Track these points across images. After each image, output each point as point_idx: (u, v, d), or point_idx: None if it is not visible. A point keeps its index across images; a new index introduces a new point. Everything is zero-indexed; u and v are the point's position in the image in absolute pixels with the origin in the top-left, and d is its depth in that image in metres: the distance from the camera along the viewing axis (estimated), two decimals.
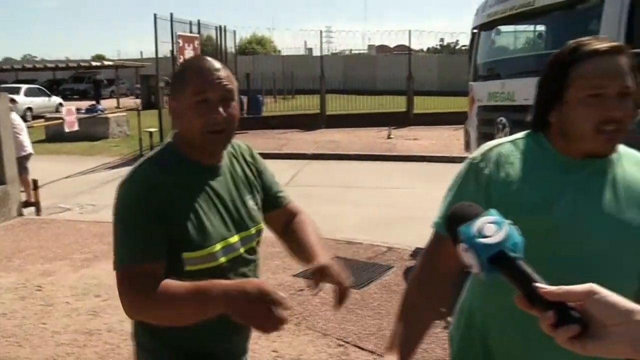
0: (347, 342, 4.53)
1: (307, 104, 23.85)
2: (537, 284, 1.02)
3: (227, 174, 1.97)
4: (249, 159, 2.09)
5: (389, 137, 19.06)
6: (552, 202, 1.58)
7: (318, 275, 1.84)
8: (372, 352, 4.37)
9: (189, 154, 1.88)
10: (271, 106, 26.26)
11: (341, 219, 8.62)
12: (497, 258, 1.09)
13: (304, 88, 24.30)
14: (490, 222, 1.12)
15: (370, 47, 54.93)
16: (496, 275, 1.10)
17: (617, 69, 1.53)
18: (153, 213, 1.74)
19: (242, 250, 1.96)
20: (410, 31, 25.32)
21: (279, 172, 3.24)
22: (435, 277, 1.72)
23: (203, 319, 1.71)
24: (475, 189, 1.65)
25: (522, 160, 1.66)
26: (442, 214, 1.72)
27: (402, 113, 23.76)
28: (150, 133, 15.87)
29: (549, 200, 1.59)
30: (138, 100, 31.95)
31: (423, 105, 24.99)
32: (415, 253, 6.66)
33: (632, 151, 1.69)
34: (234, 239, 1.92)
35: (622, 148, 1.66)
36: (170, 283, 1.70)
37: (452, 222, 1.20)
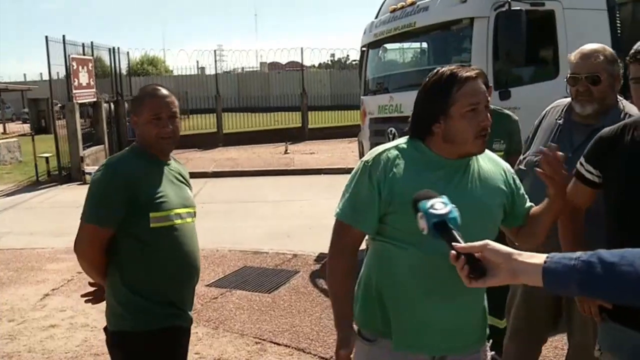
0: (264, 340, 4.88)
1: (203, 123, 23.83)
2: (456, 244, 1.51)
3: (175, 170, 2.77)
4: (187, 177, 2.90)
5: (286, 153, 19.52)
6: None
7: None
8: (287, 345, 4.75)
9: (149, 152, 2.65)
10: None
11: (246, 232, 8.96)
12: (439, 225, 1.58)
13: (199, 107, 24.19)
14: (440, 202, 1.63)
15: (262, 64, 54.87)
16: (437, 239, 1.59)
17: (482, 89, 2.09)
18: (120, 194, 2.49)
19: (188, 219, 2.70)
20: (302, 48, 25.79)
21: None
22: (344, 252, 2.20)
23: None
24: (369, 186, 2.10)
25: (405, 162, 2.12)
26: (342, 206, 2.19)
27: (297, 128, 24.33)
28: (47, 158, 15.54)
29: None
30: (26, 125, 30.85)
31: (317, 119, 25.57)
32: (319, 258, 7.10)
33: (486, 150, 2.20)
34: (182, 210, 2.67)
35: None
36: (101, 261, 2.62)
37: (416, 200, 1.69)
